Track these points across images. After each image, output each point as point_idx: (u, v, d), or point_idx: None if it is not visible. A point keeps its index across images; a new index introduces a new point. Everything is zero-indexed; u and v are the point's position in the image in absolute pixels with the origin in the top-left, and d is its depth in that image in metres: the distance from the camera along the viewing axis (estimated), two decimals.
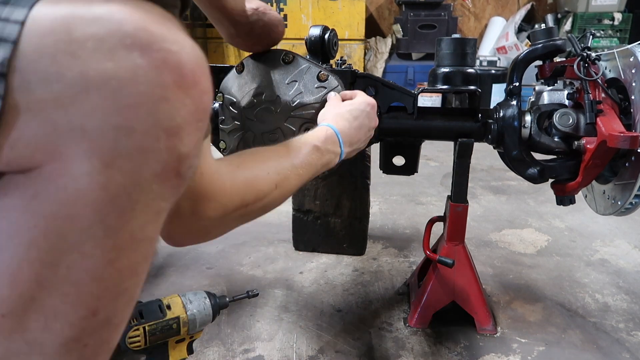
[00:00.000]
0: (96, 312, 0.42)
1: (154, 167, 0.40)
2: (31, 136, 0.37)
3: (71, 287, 0.40)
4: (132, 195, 0.40)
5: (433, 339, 1.13)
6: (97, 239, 0.40)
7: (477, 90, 1.07)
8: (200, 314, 0.90)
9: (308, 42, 1.08)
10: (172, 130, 0.40)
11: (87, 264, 0.40)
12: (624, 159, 0.97)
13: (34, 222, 0.38)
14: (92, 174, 0.38)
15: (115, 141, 0.38)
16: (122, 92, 0.38)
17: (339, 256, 1.54)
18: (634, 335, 1.14)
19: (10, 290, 0.39)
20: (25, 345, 0.40)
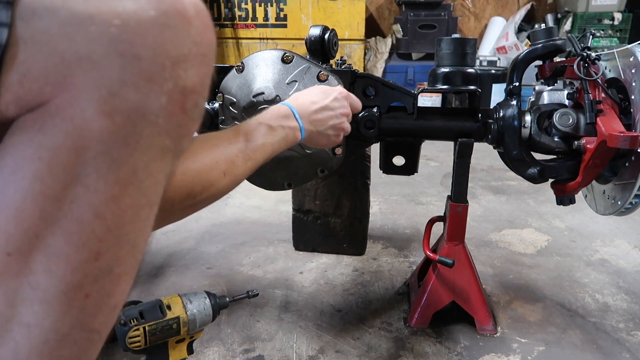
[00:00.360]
0: (98, 256, 0.41)
1: (159, 98, 0.40)
2: (39, 68, 0.36)
3: (74, 224, 0.40)
4: (137, 126, 0.40)
5: (433, 339, 1.13)
6: (101, 172, 0.39)
7: (477, 90, 1.07)
8: (200, 314, 0.90)
9: (308, 42, 1.08)
10: (177, 59, 0.41)
11: (91, 199, 0.39)
12: (624, 159, 0.97)
13: (38, 154, 0.38)
14: (99, 103, 0.38)
15: (121, 69, 0.38)
16: (128, 19, 0.38)
17: (339, 256, 1.54)
18: (634, 335, 1.14)
19: (16, 227, 0.38)
20: (30, 290, 0.40)
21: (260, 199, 2.03)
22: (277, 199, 2.01)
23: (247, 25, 3.87)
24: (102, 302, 0.44)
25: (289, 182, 1.10)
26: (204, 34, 0.44)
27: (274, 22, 3.83)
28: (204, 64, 0.44)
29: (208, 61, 0.45)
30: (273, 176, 1.08)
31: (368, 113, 1.09)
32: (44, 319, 0.41)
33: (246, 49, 3.91)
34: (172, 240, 1.65)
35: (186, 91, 0.42)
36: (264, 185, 1.11)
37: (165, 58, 0.40)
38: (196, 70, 0.43)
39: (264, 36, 3.89)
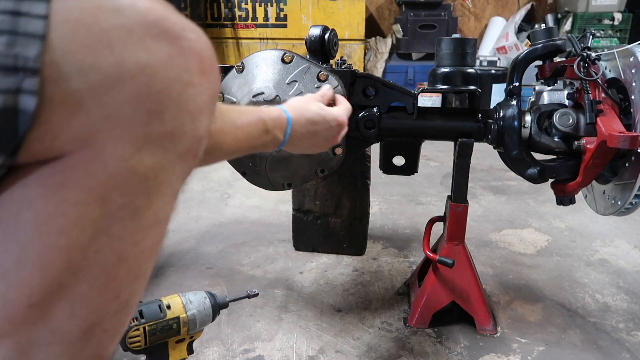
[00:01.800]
0: (119, 295, 0.43)
1: (179, 150, 0.42)
2: (63, 128, 0.37)
3: (99, 271, 0.40)
4: (159, 176, 0.42)
5: (433, 339, 1.13)
6: (125, 221, 0.41)
7: (477, 90, 1.07)
8: (200, 314, 0.90)
9: (308, 42, 1.08)
10: (195, 113, 0.43)
11: (115, 247, 0.41)
12: (624, 159, 0.97)
13: (62, 210, 0.38)
14: (123, 159, 0.39)
15: (147, 126, 0.39)
16: (155, 79, 0.39)
17: (339, 256, 1.54)
18: (634, 335, 1.14)
19: (40, 280, 0.38)
20: (49, 334, 0.40)
21: (260, 199, 2.03)
22: (277, 199, 2.01)
23: (247, 25, 3.87)
24: (117, 332, 0.45)
25: (289, 182, 1.10)
26: (216, 84, 0.46)
27: (274, 22, 3.83)
28: (212, 113, 0.46)
29: (214, 109, 0.47)
30: (273, 176, 1.08)
31: (368, 113, 1.09)
32: (62, 358, 0.41)
33: (246, 49, 3.91)
34: (172, 240, 1.65)
35: (200, 140, 0.45)
36: (264, 185, 1.11)
37: (186, 113, 0.41)
38: (207, 120, 0.45)
39: (264, 36, 3.89)
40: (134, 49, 0.38)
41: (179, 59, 0.40)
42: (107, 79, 0.37)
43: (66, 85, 0.36)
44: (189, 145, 0.43)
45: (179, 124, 0.41)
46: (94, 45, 0.37)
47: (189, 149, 0.43)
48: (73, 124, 0.37)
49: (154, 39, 0.39)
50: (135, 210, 0.41)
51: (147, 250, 0.44)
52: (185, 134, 0.42)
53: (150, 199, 0.42)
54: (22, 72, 0.34)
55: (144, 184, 0.41)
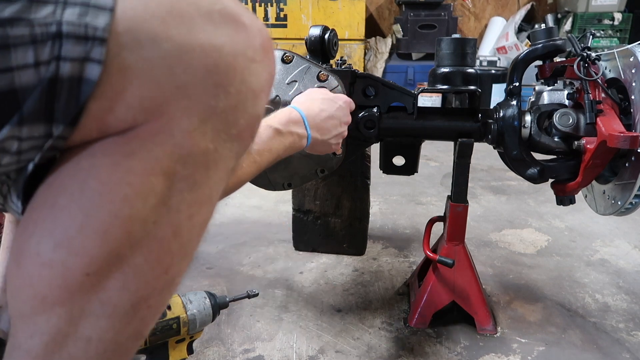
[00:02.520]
0: (168, 270, 0.43)
1: (239, 126, 0.43)
2: (136, 97, 0.37)
3: (155, 244, 0.41)
4: (218, 151, 0.42)
5: (433, 339, 1.13)
6: (183, 193, 0.41)
7: (477, 90, 1.07)
8: (200, 314, 0.90)
9: (308, 42, 1.08)
10: (256, 91, 0.43)
11: (172, 219, 0.41)
12: (624, 159, 0.97)
13: (127, 179, 0.38)
14: (189, 131, 0.39)
15: (213, 99, 0.40)
16: (222, 52, 0.40)
17: (339, 256, 1.54)
18: (634, 335, 1.14)
19: (100, 249, 0.38)
20: (99, 306, 0.40)
21: (260, 199, 2.03)
22: (277, 199, 2.01)
23: None
24: (158, 311, 0.45)
25: (289, 182, 1.10)
26: (274, 66, 0.47)
27: (274, 22, 3.83)
28: (269, 94, 0.47)
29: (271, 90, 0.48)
30: (273, 176, 1.08)
31: (368, 113, 1.09)
32: (107, 332, 0.41)
33: None
34: None
35: (258, 118, 0.46)
36: (264, 185, 1.11)
37: (249, 90, 0.42)
38: (266, 99, 0.46)
39: None
40: (202, 24, 0.39)
41: (243, 36, 0.42)
42: (178, 49, 0.38)
43: (138, 53, 0.36)
44: (248, 122, 0.44)
45: (242, 100, 0.42)
46: (165, 17, 0.37)
47: (247, 126, 0.44)
48: (144, 94, 0.37)
49: (221, 17, 0.40)
50: (194, 183, 0.42)
51: (198, 226, 0.44)
52: (246, 110, 0.43)
53: (208, 174, 0.42)
54: (90, 41, 0.34)
55: (204, 157, 0.41)
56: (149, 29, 0.37)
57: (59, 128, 0.36)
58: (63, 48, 0.34)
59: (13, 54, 0.33)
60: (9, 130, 0.34)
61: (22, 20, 0.33)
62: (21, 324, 0.40)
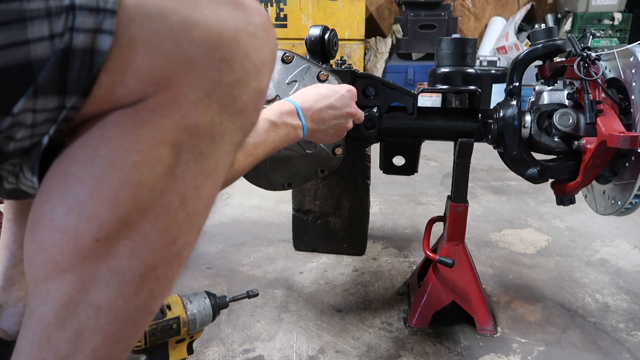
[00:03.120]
0: (175, 240, 0.44)
1: (243, 99, 0.45)
2: (146, 69, 0.39)
3: (162, 211, 0.42)
4: (223, 124, 0.44)
5: (433, 339, 1.13)
6: (189, 163, 0.43)
7: (477, 90, 1.07)
8: (200, 314, 0.90)
9: (308, 42, 1.08)
10: (258, 66, 0.45)
11: (179, 187, 0.43)
12: (624, 159, 0.97)
13: (136, 147, 0.40)
14: (195, 103, 0.41)
15: (218, 72, 0.42)
16: (226, 27, 0.42)
17: (339, 256, 1.54)
18: (634, 335, 1.14)
19: (110, 214, 0.40)
20: (108, 273, 0.41)
21: (260, 199, 2.03)
22: (277, 199, 2.01)
23: None
24: (167, 284, 0.46)
25: (289, 182, 1.10)
26: (275, 44, 0.49)
27: (274, 22, 3.83)
28: (270, 73, 0.49)
29: (272, 70, 0.50)
30: (273, 176, 1.08)
31: (368, 113, 1.09)
32: (116, 301, 0.42)
33: None
34: None
35: (262, 93, 0.47)
36: (264, 185, 1.11)
37: (251, 64, 0.44)
38: (267, 77, 0.48)
39: None
40: (205, 1, 0.41)
41: (243, 13, 0.44)
42: (184, 23, 0.39)
43: (147, 25, 0.38)
44: (252, 96, 0.45)
45: (245, 73, 0.44)
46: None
47: (251, 100, 0.46)
48: (153, 66, 0.39)
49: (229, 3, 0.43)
50: (199, 153, 0.43)
51: (204, 197, 0.45)
52: (249, 84, 0.45)
53: (213, 145, 0.44)
54: (102, 13, 0.36)
55: (210, 129, 0.43)
56: (156, 2, 0.38)
57: (71, 99, 0.37)
58: (77, 19, 0.35)
59: (29, 27, 0.34)
60: (24, 103, 0.36)
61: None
62: (35, 290, 0.42)
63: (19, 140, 0.38)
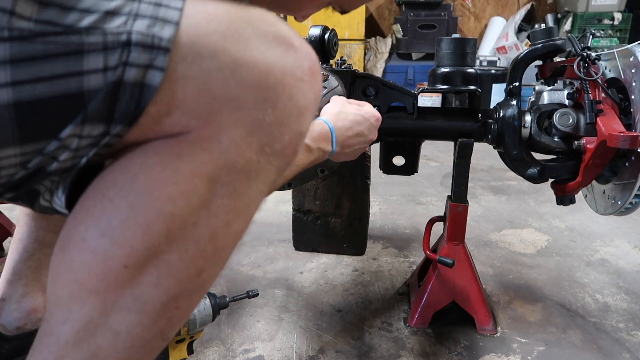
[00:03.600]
0: (200, 273, 0.44)
1: (283, 141, 0.45)
2: (191, 104, 0.40)
3: (192, 244, 0.42)
4: (261, 163, 0.44)
5: (433, 339, 1.13)
6: (223, 199, 0.43)
7: (477, 90, 1.07)
8: (200, 314, 0.90)
9: (308, 42, 1.07)
10: (302, 109, 0.46)
11: (211, 222, 0.43)
12: (624, 158, 0.97)
13: (174, 179, 0.40)
14: (236, 140, 0.42)
15: (261, 112, 0.42)
16: (274, 69, 0.42)
17: (339, 256, 1.54)
18: (634, 335, 1.14)
19: (141, 242, 0.40)
20: (132, 301, 0.41)
21: None
22: (277, 199, 2.01)
23: None
24: (186, 314, 0.47)
25: (289, 182, 1.09)
26: (319, 88, 0.49)
27: None
28: (314, 114, 0.50)
29: (315, 111, 0.50)
30: None
31: None
32: (135, 327, 0.42)
33: None
34: None
35: (302, 136, 0.47)
36: None
37: (295, 107, 0.45)
38: (311, 119, 0.48)
39: None
40: (257, 43, 0.42)
41: (293, 57, 0.44)
42: (234, 63, 0.40)
43: (198, 63, 0.39)
44: (291, 138, 0.46)
45: (287, 116, 0.44)
46: (225, 33, 0.40)
47: (290, 142, 0.46)
48: (199, 102, 0.40)
49: (274, 38, 0.43)
50: (234, 190, 0.43)
51: (233, 234, 0.46)
52: (291, 127, 0.45)
53: (248, 183, 0.44)
54: (156, 50, 0.37)
55: (247, 167, 0.43)
56: (209, 43, 0.39)
57: (116, 128, 0.39)
58: (131, 55, 0.37)
59: (85, 59, 0.36)
60: (72, 129, 0.37)
61: (98, 29, 0.36)
62: (56, 309, 0.42)
63: (61, 162, 0.40)
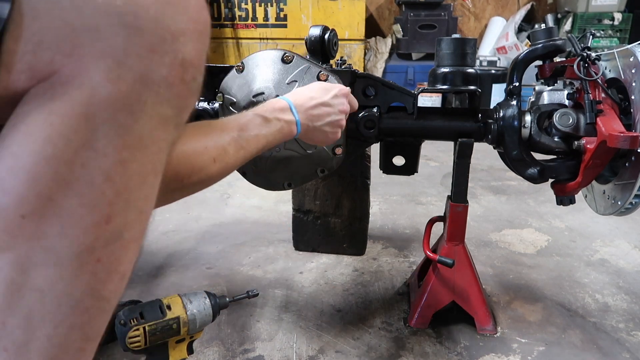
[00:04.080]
0: (109, 219, 0.43)
1: (160, 68, 0.43)
2: (51, 38, 0.39)
3: (86, 187, 0.41)
4: (142, 94, 0.42)
5: (433, 339, 1.13)
6: (109, 137, 0.42)
7: (477, 90, 1.07)
8: (200, 314, 0.90)
9: (308, 42, 1.08)
10: (176, 33, 0.44)
11: (101, 162, 0.42)
12: (624, 159, 0.97)
13: (49, 120, 0.40)
14: (105, 72, 0.40)
15: (126, 40, 0.41)
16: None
17: (339, 256, 1.54)
18: (634, 335, 1.14)
19: (29, 189, 0.40)
20: (44, 253, 0.41)
21: (260, 199, 2.03)
22: (277, 199, 2.01)
23: (247, 25, 3.87)
24: (113, 268, 0.45)
25: (289, 182, 1.10)
26: (200, 12, 0.47)
27: (274, 22, 3.83)
28: (200, 40, 0.47)
29: (204, 38, 0.47)
30: (273, 176, 1.08)
31: (368, 113, 1.09)
32: (57, 283, 0.42)
33: (246, 49, 3.91)
34: (172, 240, 1.65)
35: (185, 64, 0.45)
36: (264, 185, 1.11)
37: (165, 31, 0.43)
38: (193, 45, 0.46)
39: (264, 36, 3.89)
40: None
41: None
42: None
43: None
44: (171, 66, 0.44)
45: (158, 41, 0.43)
46: None
47: (171, 70, 0.44)
48: (58, 35, 0.39)
49: None
50: (119, 127, 0.42)
51: (135, 174, 0.44)
52: (166, 53, 0.43)
53: (133, 117, 0.43)
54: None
55: (126, 100, 0.42)
56: None
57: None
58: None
59: None
60: None
61: None
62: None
63: None
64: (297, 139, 0.95)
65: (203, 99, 1.10)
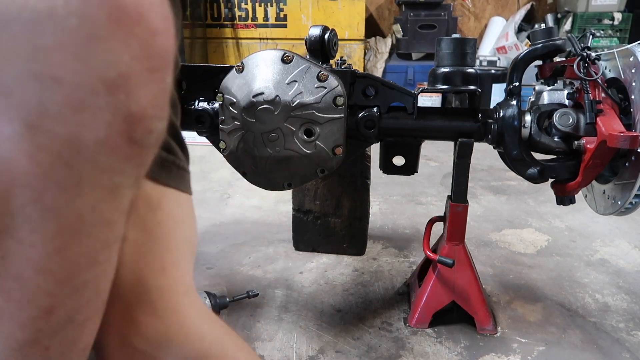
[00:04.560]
0: (51, 311, 0.37)
1: (94, 131, 0.32)
2: None
3: (12, 282, 0.35)
4: (74, 167, 0.33)
5: (433, 339, 1.13)
6: (34, 223, 0.33)
7: (477, 90, 1.07)
8: None
9: (308, 42, 1.08)
10: (114, 81, 0.32)
11: (27, 254, 0.34)
12: (624, 158, 0.97)
13: None
14: (16, 140, 0.31)
15: (39, 95, 0.30)
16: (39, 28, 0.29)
17: (339, 256, 1.54)
18: (634, 335, 1.14)
19: None
20: None
21: (260, 199, 2.03)
22: (277, 199, 2.01)
23: (247, 25, 3.87)
24: (68, 349, 0.40)
25: (289, 182, 1.10)
26: (152, 41, 0.33)
27: (274, 22, 3.83)
28: (154, 81, 0.35)
29: (161, 76, 0.35)
30: (273, 176, 1.08)
31: (368, 113, 1.09)
32: None
33: (246, 49, 3.91)
34: None
35: (132, 119, 0.34)
36: (264, 185, 1.11)
37: (95, 80, 0.31)
38: (144, 90, 0.34)
39: (264, 36, 3.89)
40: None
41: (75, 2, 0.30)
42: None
43: None
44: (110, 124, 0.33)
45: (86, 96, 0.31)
46: None
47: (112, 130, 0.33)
48: None
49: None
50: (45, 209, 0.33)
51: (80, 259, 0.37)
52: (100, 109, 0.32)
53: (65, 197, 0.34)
54: None
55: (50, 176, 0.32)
56: None
57: None
58: None
59: None
60: None
61: None
62: None
63: None
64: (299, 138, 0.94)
65: (203, 99, 1.10)
